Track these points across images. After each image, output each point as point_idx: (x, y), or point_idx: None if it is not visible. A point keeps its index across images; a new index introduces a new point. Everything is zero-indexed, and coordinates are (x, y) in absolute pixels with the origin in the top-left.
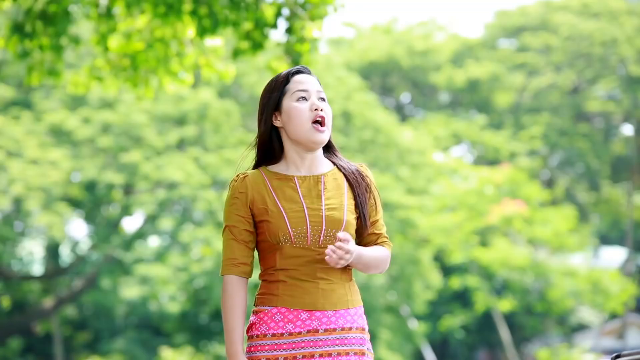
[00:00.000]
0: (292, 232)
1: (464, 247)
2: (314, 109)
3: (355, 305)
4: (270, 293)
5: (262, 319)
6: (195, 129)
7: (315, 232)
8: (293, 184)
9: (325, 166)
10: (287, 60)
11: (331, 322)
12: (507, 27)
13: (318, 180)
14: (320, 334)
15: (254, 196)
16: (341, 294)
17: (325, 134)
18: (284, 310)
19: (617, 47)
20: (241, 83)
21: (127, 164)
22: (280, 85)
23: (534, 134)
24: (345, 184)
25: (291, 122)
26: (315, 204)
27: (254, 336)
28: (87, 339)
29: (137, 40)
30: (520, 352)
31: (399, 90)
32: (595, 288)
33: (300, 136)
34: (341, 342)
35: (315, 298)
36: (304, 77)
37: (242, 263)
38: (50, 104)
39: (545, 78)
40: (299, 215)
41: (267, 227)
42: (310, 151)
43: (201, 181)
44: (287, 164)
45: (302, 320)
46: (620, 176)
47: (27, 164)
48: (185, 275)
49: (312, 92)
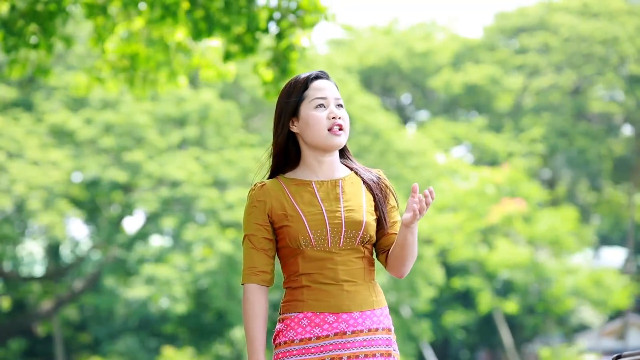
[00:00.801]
0: (312, 235)
1: (468, 248)
2: (332, 117)
3: (381, 305)
4: (295, 299)
5: (289, 325)
6: (196, 129)
7: (336, 235)
8: (311, 189)
9: (342, 171)
10: (274, 67)
11: (358, 324)
12: (506, 29)
13: (336, 184)
14: (348, 336)
15: (273, 203)
16: (366, 295)
17: (343, 137)
18: (310, 314)
19: (617, 47)
20: (242, 85)
21: (130, 163)
22: (299, 91)
23: (535, 136)
24: (363, 187)
25: (309, 129)
26: (334, 207)
27: (282, 343)
28: (88, 340)
29: (135, 42)
30: (520, 353)
31: (399, 92)
32: (597, 287)
33: (317, 142)
34: (368, 344)
35: (340, 300)
36: (322, 83)
37: (262, 271)
38: (51, 105)
39: (546, 79)
40: (318, 218)
41: (287, 232)
42: (328, 154)
43: (203, 180)
44: (305, 169)
45: (329, 324)
46: (621, 177)
47: (28, 165)
48: (189, 276)
49: (330, 99)
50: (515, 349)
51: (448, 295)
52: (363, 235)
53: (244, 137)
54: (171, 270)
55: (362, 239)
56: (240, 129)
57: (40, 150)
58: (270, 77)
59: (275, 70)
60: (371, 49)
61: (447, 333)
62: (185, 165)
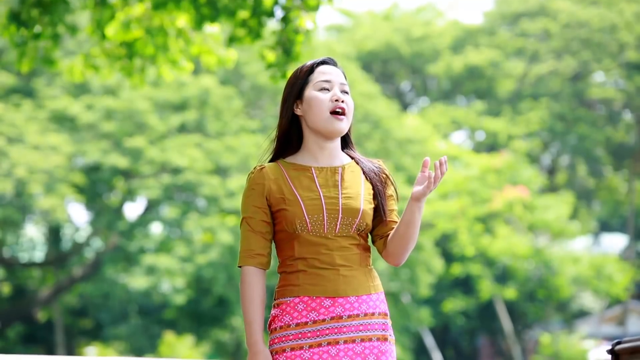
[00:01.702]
0: (309, 220)
1: (471, 236)
2: (335, 100)
3: (377, 290)
4: (290, 284)
5: (285, 310)
6: (196, 113)
7: (332, 220)
8: (310, 174)
9: (343, 158)
10: (279, 50)
11: (354, 308)
12: (506, 14)
13: (335, 171)
14: (344, 320)
15: (271, 186)
16: (362, 279)
17: (344, 123)
18: (307, 299)
19: (616, 33)
20: (243, 72)
21: (131, 148)
22: (305, 75)
23: (534, 119)
24: (363, 176)
25: (311, 111)
26: (332, 193)
27: (278, 328)
28: (89, 326)
29: (135, 29)
30: (520, 339)
31: (399, 78)
32: (598, 274)
33: (319, 125)
34: (364, 328)
35: (336, 285)
36: (329, 68)
37: (259, 254)
38: (52, 91)
39: (545, 65)
40: (316, 203)
41: (284, 216)
42: (329, 140)
43: (205, 167)
44: (305, 154)
45: (325, 308)
46: (621, 163)
47: (28, 149)
48: (190, 266)
49: (335, 83)
50: (515, 335)
51: (448, 282)
52: (359, 223)
53: (244, 123)
54: (172, 260)
55: (358, 226)
56: (240, 115)
57: (41, 135)
58: (275, 60)
59: (280, 54)
60: (370, 35)
61: (447, 319)
62: (187, 151)
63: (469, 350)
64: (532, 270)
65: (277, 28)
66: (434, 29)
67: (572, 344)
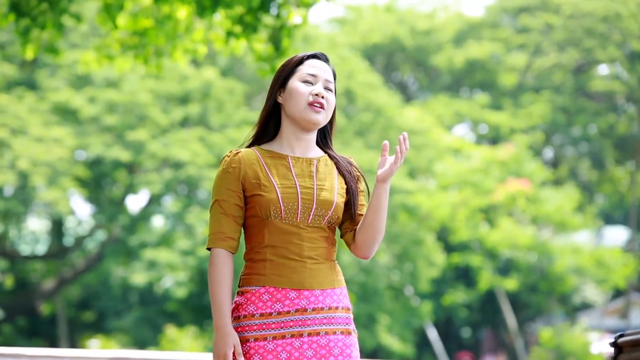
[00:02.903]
0: (283, 207)
1: (469, 226)
2: (315, 93)
3: (341, 285)
4: (256, 273)
5: (250, 299)
6: (198, 106)
7: (306, 210)
8: (286, 163)
9: (317, 152)
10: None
11: (319, 302)
12: (509, 7)
13: (310, 162)
14: (309, 313)
15: (247, 171)
16: (327, 273)
17: (321, 116)
18: (272, 289)
19: (619, 24)
20: (244, 62)
21: (133, 142)
22: (293, 65)
23: (537, 111)
24: (336, 170)
25: (290, 100)
26: (307, 183)
27: (241, 316)
28: (91, 318)
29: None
30: (523, 331)
31: (402, 71)
32: (598, 264)
33: (295, 115)
34: (328, 321)
35: (303, 277)
36: (318, 62)
37: (230, 237)
38: (55, 83)
39: (548, 58)
40: (291, 192)
41: (259, 201)
42: (305, 132)
43: (207, 160)
44: (282, 143)
45: (290, 300)
46: (624, 155)
47: (31, 141)
48: (192, 259)
49: (320, 78)
50: (518, 328)
51: (450, 275)
52: (331, 215)
53: (246, 115)
54: (173, 254)
55: (330, 218)
56: (242, 107)
57: (44, 128)
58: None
59: (270, 48)
60: (374, 28)
61: (450, 312)
62: (189, 145)
63: (472, 343)
64: (533, 262)
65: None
66: (438, 22)
67: (574, 337)
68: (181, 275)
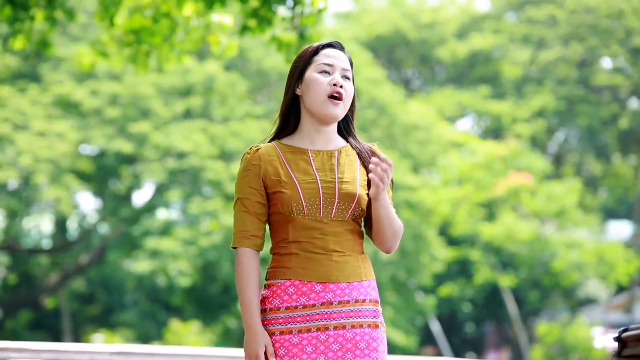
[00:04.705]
0: (305, 203)
1: (470, 220)
2: (333, 84)
3: (368, 277)
4: (282, 266)
5: (275, 292)
6: (201, 100)
7: (328, 204)
8: (306, 157)
9: (338, 142)
10: (293, 33)
11: (345, 294)
12: (513, 1)
13: (331, 154)
14: (335, 306)
15: (267, 168)
16: (354, 266)
17: (340, 109)
18: (298, 282)
19: (623, 20)
20: (247, 57)
21: (136, 134)
22: (309, 56)
23: (540, 103)
24: (358, 161)
25: (309, 92)
26: (328, 177)
27: (267, 309)
28: (96, 312)
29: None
30: (527, 326)
31: (406, 64)
32: (600, 260)
33: (314, 107)
34: (355, 314)
35: (328, 270)
36: (333, 51)
37: (254, 235)
38: (58, 76)
39: (552, 51)
40: (312, 187)
41: (280, 198)
42: (325, 125)
43: (209, 152)
44: (302, 136)
45: (316, 293)
46: (627, 150)
47: (34, 136)
48: (194, 249)
49: (336, 68)
50: (522, 323)
51: (454, 269)
52: (355, 208)
53: (249, 108)
54: (176, 243)
55: (354, 212)
56: (246, 100)
57: (46, 122)
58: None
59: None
60: (378, 21)
61: (454, 306)
62: (191, 136)
63: (476, 338)
64: (535, 257)
65: (287, 15)
66: (442, 15)
67: (577, 331)
68: (183, 265)
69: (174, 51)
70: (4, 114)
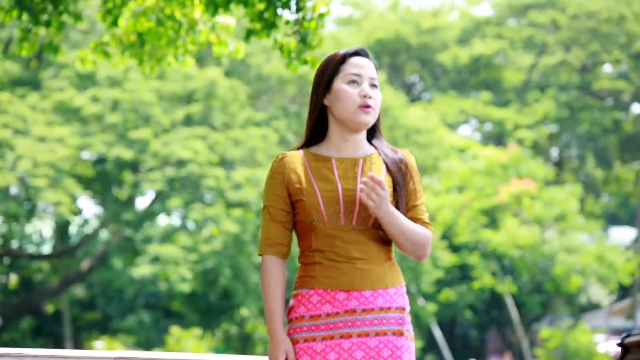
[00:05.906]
0: (325, 212)
1: (471, 227)
2: (363, 95)
3: (395, 284)
4: (307, 275)
5: (301, 301)
6: (202, 106)
7: (349, 213)
8: (330, 165)
9: (366, 149)
10: (296, 38)
11: (369, 302)
12: (514, 6)
13: (356, 162)
14: (358, 314)
15: (291, 176)
16: (379, 273)
17: (371, 116)
18: (321, 291)
19: (624, 24)
20: (249, 63)
21: (136, 141)
22: (336, 65)
23: (542, 109)
24: (384, 168)
25: (338, 104)
26: (350, 185)
27: (293, 319)
28: (96, 318)
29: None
30: (529, 332)
31: (407, 70)
32: (600, 262)
33: (345, 117)
34: (379, 322)
35: (352, 278)
36: (360, 60)
37: (278, 243)
38: (59, 82)
39: (554, 57)
40: (333, 195)
41: (302, 206)
42: (354, 132)
43: (209, 159)
44: (329, 144)
45: (339, 301)
46: (629, 155)
47: (34, 141)
48: (195, 255)
49: (365, 77)
50: (524, 329)
51: (453, 275)
52: None
53: (250, 115)
54: (176, 249)
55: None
56: (246, 107)
57: (46, 127)
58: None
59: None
60: (378, 27)
61: (456, 312)
62: (191, 144)
63: (478, 343)
64: (537, 263)
65: (291, 18)
66: (443, 21)
67: (579, 337)
68: (184, 270)
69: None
70: (4, 120)
